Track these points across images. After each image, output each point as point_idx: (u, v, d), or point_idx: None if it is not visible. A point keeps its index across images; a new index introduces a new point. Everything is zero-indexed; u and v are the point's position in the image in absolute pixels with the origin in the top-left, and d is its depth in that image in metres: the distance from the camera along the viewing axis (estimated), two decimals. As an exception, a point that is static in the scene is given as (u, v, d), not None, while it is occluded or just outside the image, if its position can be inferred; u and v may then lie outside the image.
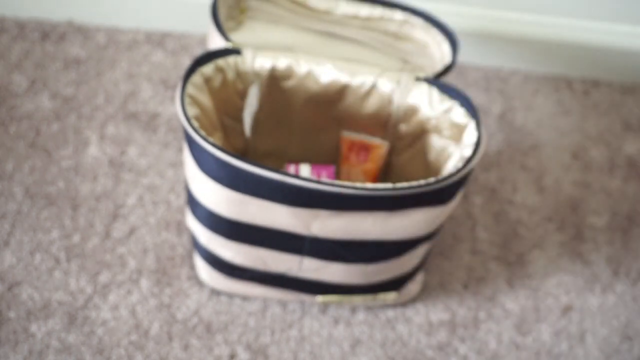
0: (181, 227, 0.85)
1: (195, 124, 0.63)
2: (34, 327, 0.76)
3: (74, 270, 0.80)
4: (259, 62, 0.72)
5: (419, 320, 0.81)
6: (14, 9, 1.04)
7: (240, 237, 0.69)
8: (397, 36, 0.79)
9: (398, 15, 0.78)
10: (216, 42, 0.73)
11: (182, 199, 0.87)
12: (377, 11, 0.78)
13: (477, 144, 0.65)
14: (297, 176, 0.60)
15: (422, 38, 0.78)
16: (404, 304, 0.82)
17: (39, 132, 0.91)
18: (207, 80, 0.69)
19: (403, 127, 0.75)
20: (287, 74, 0.73)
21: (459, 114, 0.69)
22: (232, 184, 0.63)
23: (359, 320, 0.80)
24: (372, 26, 0.79)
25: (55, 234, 0.83)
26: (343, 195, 0.61)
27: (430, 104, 0.71)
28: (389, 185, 0.61)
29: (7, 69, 0.97)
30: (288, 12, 0.78)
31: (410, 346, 0.79)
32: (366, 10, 0.78)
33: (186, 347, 0.76)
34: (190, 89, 0.66)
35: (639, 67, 1.08)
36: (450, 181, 0.62)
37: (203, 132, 0.62)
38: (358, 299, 0.78)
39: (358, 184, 0.61)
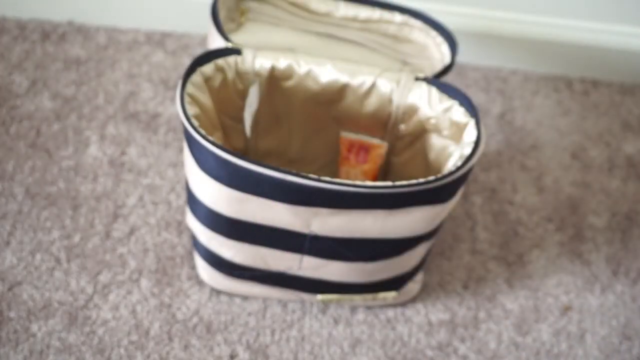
0: (181, 227, 0.85)
1: (195, 122, 0.63)
2: (34, 327, 0.76)
3: (75, 270, 0.80)
4: (259, 62, 0.72)
5: (419, 320, 0.81)
6: (15, 10, 1.04)
7: (240, 236, 0.70)
8: (396, 38, 0.79)
9: (397, 17, 0.78)
10: (216, 42, 0.73)
11: (183, 199, 0.87)
12: (376, 13, 0.78)
13: (477, 143, 0.65)
14: (297, 174, 0.60)
15: (422, 40, 0.78)
16: (403, 304, 0.82)
17: (40, 132, 0.91)
18: (207, 80, 0.69)
19: (403, 127, 0.75)
20: (287, 74, 0.73)
21: (458, 113, 0.69)
22: (232, 183, 0.63)
23: (358, 320, 0.80)
24: (372, 28, 0.79)
25: (55, 234, 0.83)
26: (343, 193, 0.61)
27: (429, 104, 0.71)
28: (388, 183, 0.61)
29: (7, 70, 0.97)
30: (288, 15, 0.79)
31: (410, 346, 0.79)
32: (365, 12, 0.78)
33: (186, 347, 0.76)
34: (190, 88, 0.67)
35: (638, 68, 1.08)
36: (449, 179, 0.62)
37: (203, 131, 0.62)
38: (358, 298, 0.78)
39: (358, 182, 0.61)
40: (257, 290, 0.79)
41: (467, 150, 0.65)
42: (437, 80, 0.72)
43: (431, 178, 0.62)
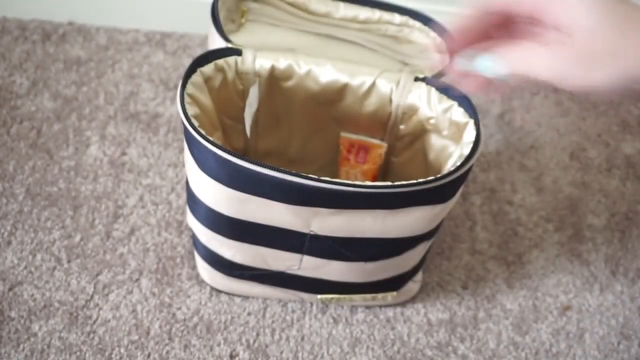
0: (181, 227, 0.85)
1: (195, 123, 0.63)
2: (35, 327, 0.76)
3: (75, 270, 0.81)
4: (259, 62, 0.72)
5: (419, 320, 0.81)
6: (16, 10, 1.04)
7: (240, 236, 0.70)
8: (396, 38, 0.79)
9: (397, 18, 0.78)
10: (216, 42, 0.73)
11: (183, 199, 0.87)
12: (376, 14, 0.78)
13: (476, 143, 0.65)
14: (297, 174, 0.61)
15: (421, 40, 0.78)
16: (403, 304, 0.82)
17: (40, 132, 0.91)
18: (207, 80, 0.70)
19: (402, 127, 0.75)
20: (287, 74, 0.73)
21: (458, 113, 0.69)
22: (232, 183, 0.63)
23: (358, 320, 0.81)
24: (371, 29, 0.79)
25: (56, 234, 0.83)
26: (343, 193, 0.61)
27: (429, 104, 0.71)
28: (388, 183, 0.61)
29: (8, 70, 0.97)
30: (288, 15, 0.79)
31: (409, 346, 0.80)
32: (365, 13, 0.78)
33: (186, 347, 0.77)
34: (190, 88, 0.67)
35: (637, 68, 1.08)
36: (449, 179, 0.63)
37: (203, 131, 0.62)
38: (358, 298, 0.78)
39: (358, 182, 0.61)
40: (257, 290, 0.79)
41: (467, 150, 0.66)
42: (437, 80, 0.72)
43: (431, 178, 0.62)
